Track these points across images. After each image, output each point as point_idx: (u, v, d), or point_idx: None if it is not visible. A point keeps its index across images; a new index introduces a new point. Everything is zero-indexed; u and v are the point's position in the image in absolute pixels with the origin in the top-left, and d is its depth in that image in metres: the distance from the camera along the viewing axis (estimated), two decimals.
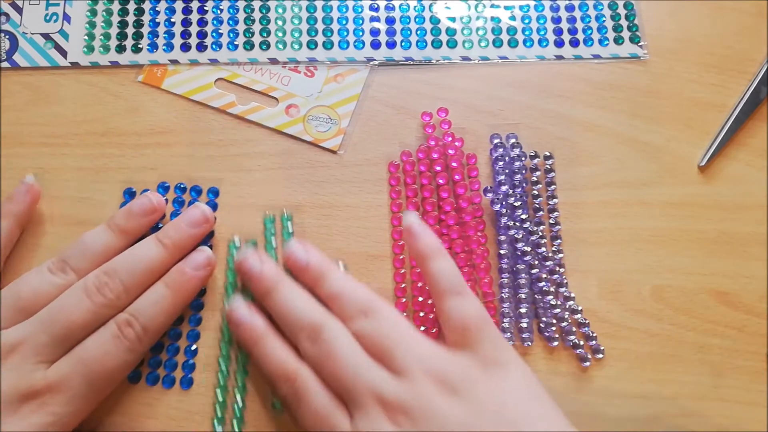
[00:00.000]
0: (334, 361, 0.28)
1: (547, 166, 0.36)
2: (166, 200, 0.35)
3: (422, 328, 0.33)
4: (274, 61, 0.38)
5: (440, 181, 0.35)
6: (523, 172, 0.35)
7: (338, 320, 0.30)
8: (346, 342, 0.29)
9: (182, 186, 0.35)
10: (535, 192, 0.35)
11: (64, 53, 0.38)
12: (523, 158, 0.36)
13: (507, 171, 0.35)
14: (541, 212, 0.35)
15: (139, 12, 0.39)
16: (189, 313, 0.33)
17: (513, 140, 0.36)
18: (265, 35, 0.38)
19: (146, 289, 0.31)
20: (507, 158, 0.36)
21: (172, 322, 0.32)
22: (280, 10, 0.39)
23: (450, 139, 0.36)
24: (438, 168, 0.35)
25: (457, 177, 0.35)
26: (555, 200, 0.35)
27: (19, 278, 0.31)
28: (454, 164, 0.35)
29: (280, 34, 0.39)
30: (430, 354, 0.28)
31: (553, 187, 0.36)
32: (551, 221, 0.35)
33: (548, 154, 0.36)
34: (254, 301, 0.32)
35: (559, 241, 0.35)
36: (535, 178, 0.35)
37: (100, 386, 0.29)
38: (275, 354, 0.30)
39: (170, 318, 0.31)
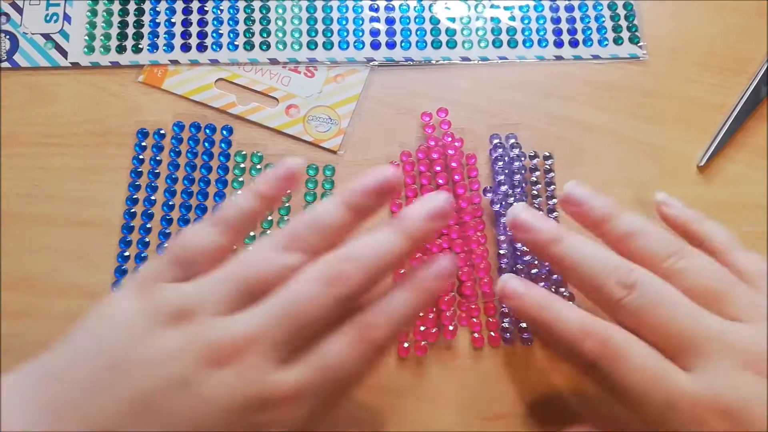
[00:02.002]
0: (661, 308, 0.25)
1: (547, 166, 0.36)
2: (181, 139, 0.36)
3: (422, 328, 0.33)
4: (274, 62, 0.38)
5: (440, 181, 0.35)
6: (523, 172, 0.35)
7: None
8: (667, 286, 0.26)
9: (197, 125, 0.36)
10: (535, 192, 0.35)
11: (64, 53, 0.38)
12: (523, 158, 0.36)
13: (506, 171, 0.35)
14: (541, 212, 0.35)
15: (140, 12, 0.39)
16: None
17: (512, 140, 0.36)
18: (266, 36, 0.39)
19: (379, 283, 0.26)
20: (506, 158, 0.36)
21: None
22: (280, 11, 0.39)
23: (450, 139, 0.36)
24: (438, 168, 0.35)
25: (456, 177, 0.35)
26: (554, 200, 0.35)
27: (242, 254, 0.26)
28: (453, 164, 0.35)
29: (280, 35, 0.39)
30: (762, 298, 0.26)
31: (552, 187, 0.36)
32: None
33: (548, 154, 0.36)
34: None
35: None
36: (534, 178, 0.35)
37: (337, 398, 0.25)
38: (570, 313, 0.27)
39: (409, 328, 0.28)
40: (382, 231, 0.26)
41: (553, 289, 0.33)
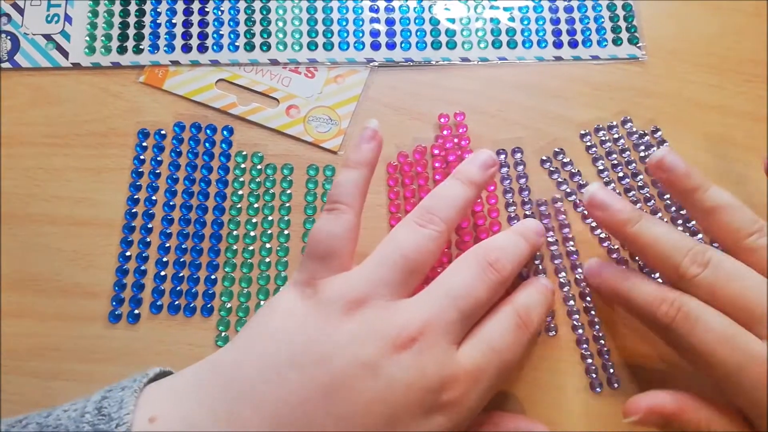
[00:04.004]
0: (734, 283, 0.27)
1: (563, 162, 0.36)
2: (182, 139, 0.36)
3: None
4: (274, 62, 0.38)
5: (437, 177, 0.35)
6: (529, 188, 0.36)
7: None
8: (739, 264, 0.28)
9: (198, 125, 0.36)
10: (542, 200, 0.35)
11: (65, 54, 0.38)
12: (527, 178, 0.36)
13: (513, 189, 0.36)
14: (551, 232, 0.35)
15: (141, 13, 0.39)
16: None
17: (518, 155, 0.36)
18: (266, 36, 0.39)
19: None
20: (511, 179, 0.36)
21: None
22: (280, 12, 0.39)
23: (465, 142, 0.36)
24: (437, 164, 0.35)
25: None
26: (560, 203, 0.35)
27: (389, 238, 0.28)
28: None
29: (280, 35, 0.39)
30: None
31: (558, 197, 0.36)
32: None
33: (553, 168, 0.36)
34: None
35: (571, 243, 0.35)
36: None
37: (501, 381, 0.27)
38: (647, 283, 0.29)
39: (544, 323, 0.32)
40: (507, 234, 0.30)
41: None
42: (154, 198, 0.36)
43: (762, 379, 0.25)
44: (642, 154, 0.36)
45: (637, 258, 0.34)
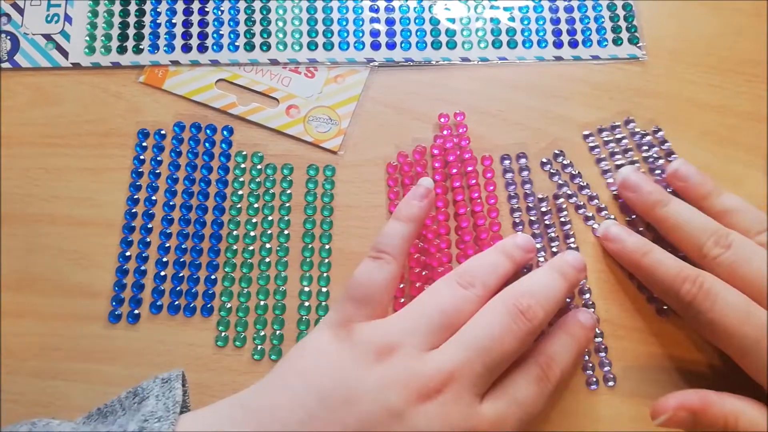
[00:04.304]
0: (753, 263, 0.29)
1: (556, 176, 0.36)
2: (182, 139, 0.36)
3: None
4: (274, 62, 0.38)
5: (456, 183, 0.35)
6: (534, 194, 0.36)
7: None
8: (757, 247, 0.30)
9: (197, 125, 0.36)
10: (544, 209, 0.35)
11: (65, 54, 0.38)
12: (531, 183, 0.36)
13: (518, 195, 0.36)
14: (553, 228, 0.35)
15: (140, 13, 0.39)
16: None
17: (523, 161, 0.36)
18: (266, 36, 0.39)
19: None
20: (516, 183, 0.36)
21: None
22: (280, 11, 0.39)
23: (466, 143, 0.36)
24: (454, 170, 0.35)
25: (472, 181, 0.35)
26: (565, 212, 0.35)
27: (426, 292, 0.29)
28: (469, 168, 0.35)
29: (280, 35, 0.39)
30: None
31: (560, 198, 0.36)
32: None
33: (554, 171, 0.36)
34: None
35: (572, 239, 0.35)
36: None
37: (525, 429, 0.27)
38: (670, 259, 0.31)
39: (573, 371, 0.32)
40: (545, 271, 0.30)
41: None
42: (154, 198, 0.36)
43: None
44: (645, 154, 0.36)
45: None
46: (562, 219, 0.35)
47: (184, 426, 0.25)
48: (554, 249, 0.34)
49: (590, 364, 0.33)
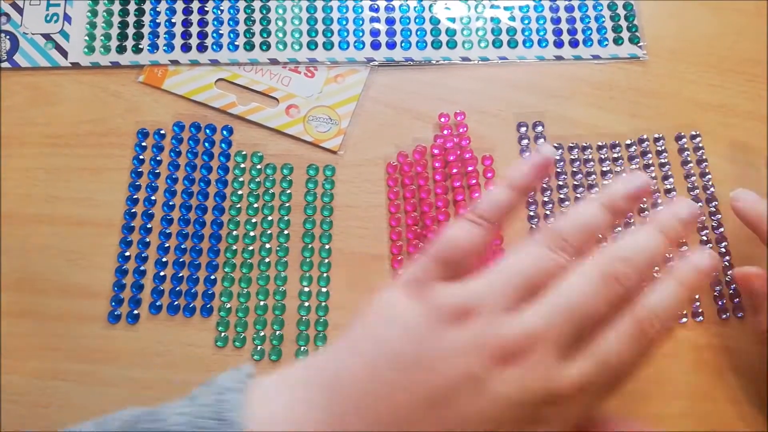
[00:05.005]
0: None
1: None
2: (181, 139, 0.36)
3: None
4: (274, 62, 0.38)
5: (456, 183, 0.35)
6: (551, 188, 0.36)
7: None
8: None
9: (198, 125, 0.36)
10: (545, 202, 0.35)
11: (64, 53, 0.38)
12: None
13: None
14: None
15: (140, 12, 0.39)
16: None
17: (540, 127, 0.36)
18: (266, 36, 0.39)
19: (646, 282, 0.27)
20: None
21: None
22: (280, 11, 0.39)
23: (466, 142, 0.36)
24: (455, 170, 0.35)
25: (472, 181, 0.35)
26: (567, 203, 0.35)
27: (513, 252, 0.26)
28: (470, 168, 0.35)
29: (280, 35, 0.39)
30: None
31: (564, 189, 0.36)
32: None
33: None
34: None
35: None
36: None
37: (612, 392, 0.25)
38: None
39: (679, 318, 0.30)
40: (644, 231, 0.27)
41: None
42: (153, 198, 0.36)
43: None
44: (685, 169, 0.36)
45: None
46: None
47: (257, 391, 0.24)
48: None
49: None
